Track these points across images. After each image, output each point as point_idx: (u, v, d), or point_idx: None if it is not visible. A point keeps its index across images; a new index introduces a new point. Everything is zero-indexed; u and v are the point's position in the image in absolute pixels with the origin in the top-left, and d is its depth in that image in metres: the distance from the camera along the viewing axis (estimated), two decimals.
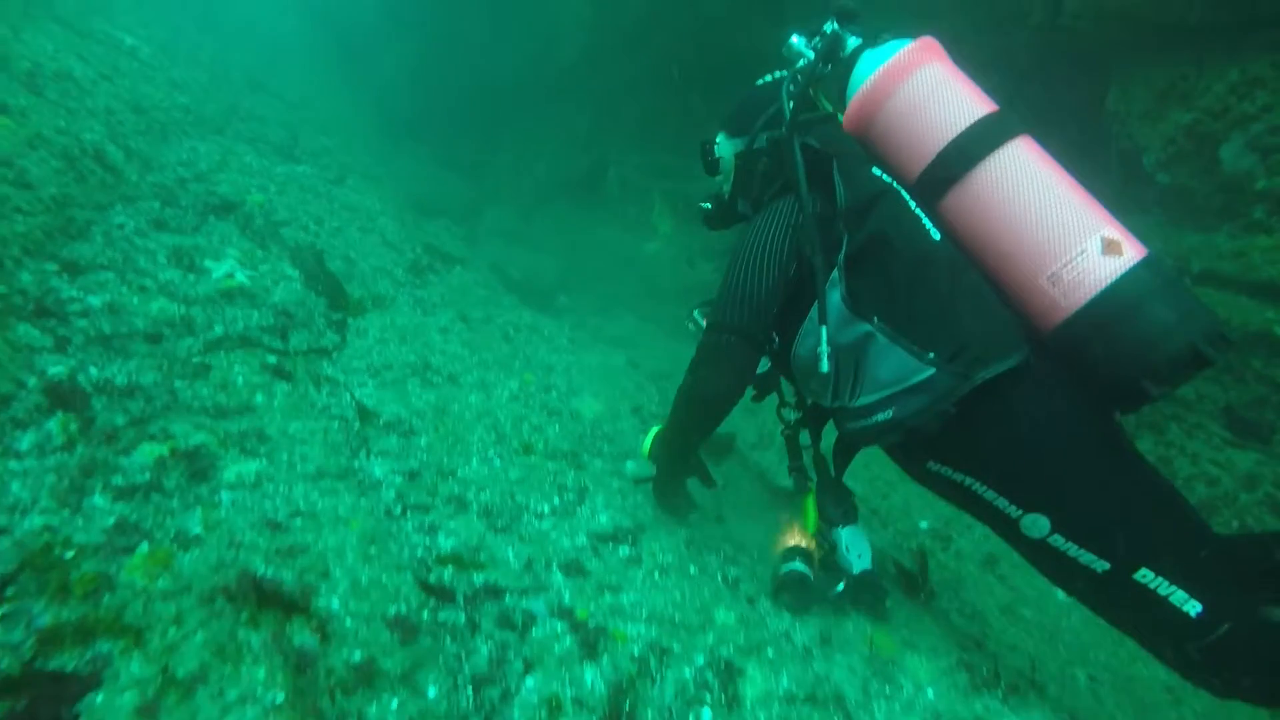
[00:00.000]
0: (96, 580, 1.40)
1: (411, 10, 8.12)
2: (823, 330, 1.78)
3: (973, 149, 1.71)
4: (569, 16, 6.92)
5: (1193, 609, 1.54)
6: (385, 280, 3.66)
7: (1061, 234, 1.60)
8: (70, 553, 1.43)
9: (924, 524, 3.34)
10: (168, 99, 4.07)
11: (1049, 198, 1.64)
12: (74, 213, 2.53)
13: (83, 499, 1.56)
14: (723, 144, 2.28)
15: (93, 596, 1.37)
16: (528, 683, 1.54)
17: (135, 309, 2.24)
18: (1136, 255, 1.57)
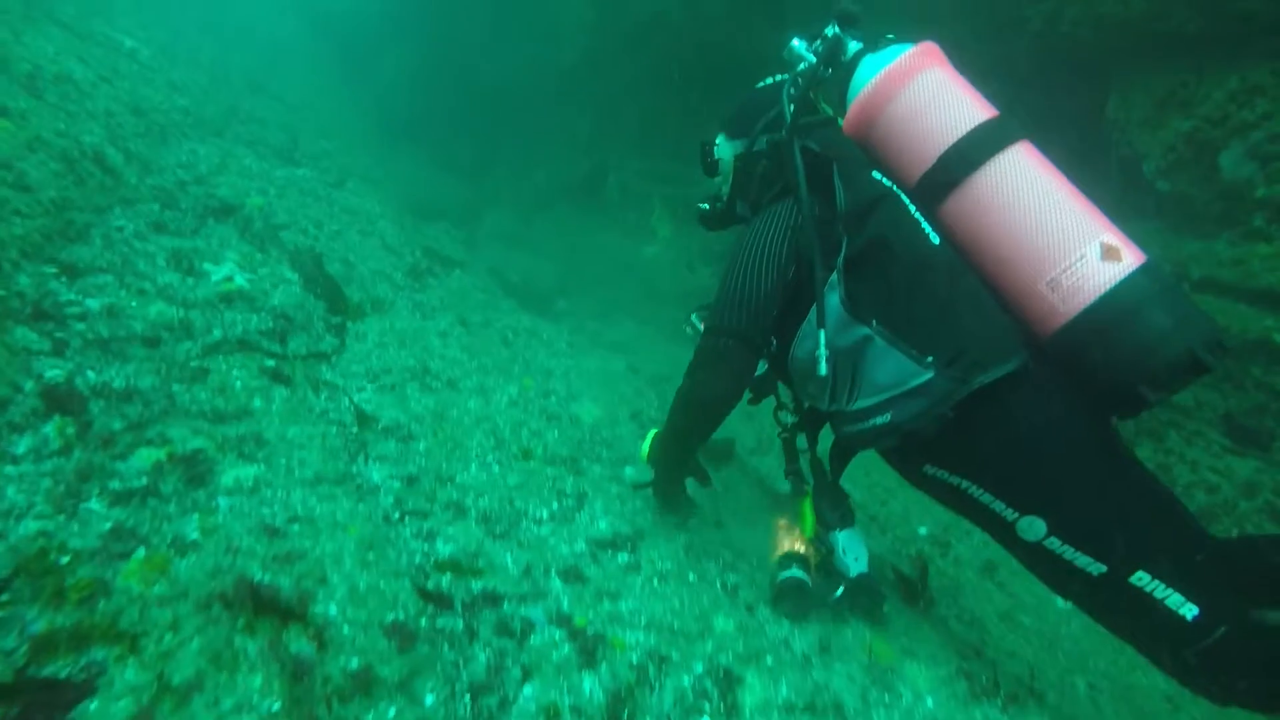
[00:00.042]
0: (92, 586, 1.39)
1: (412, 14, 8.13)
2: (821, 333, 1.78)
3: (973, 154, 1.71)
4: (569, 20, 6.93)
5: (1189, 612, 1.54)
6: (384, 284, 3.66)
7: (1061, 239, 1.60)
8: (65, 558, 1.42)
9: (923, 530, 3.33)
10: (167, 101, 4.07)
11: (1049, 203, 1.64)
12: (73, 215, 2.52)
13: (79, 504, 1.55)
14: (722, 145, 2.28)
15: (88, 602, 1.35)
16: (526, 691, 1.53)
17: (134, 312, 2.23)
18: (1135, 261, 1.57)
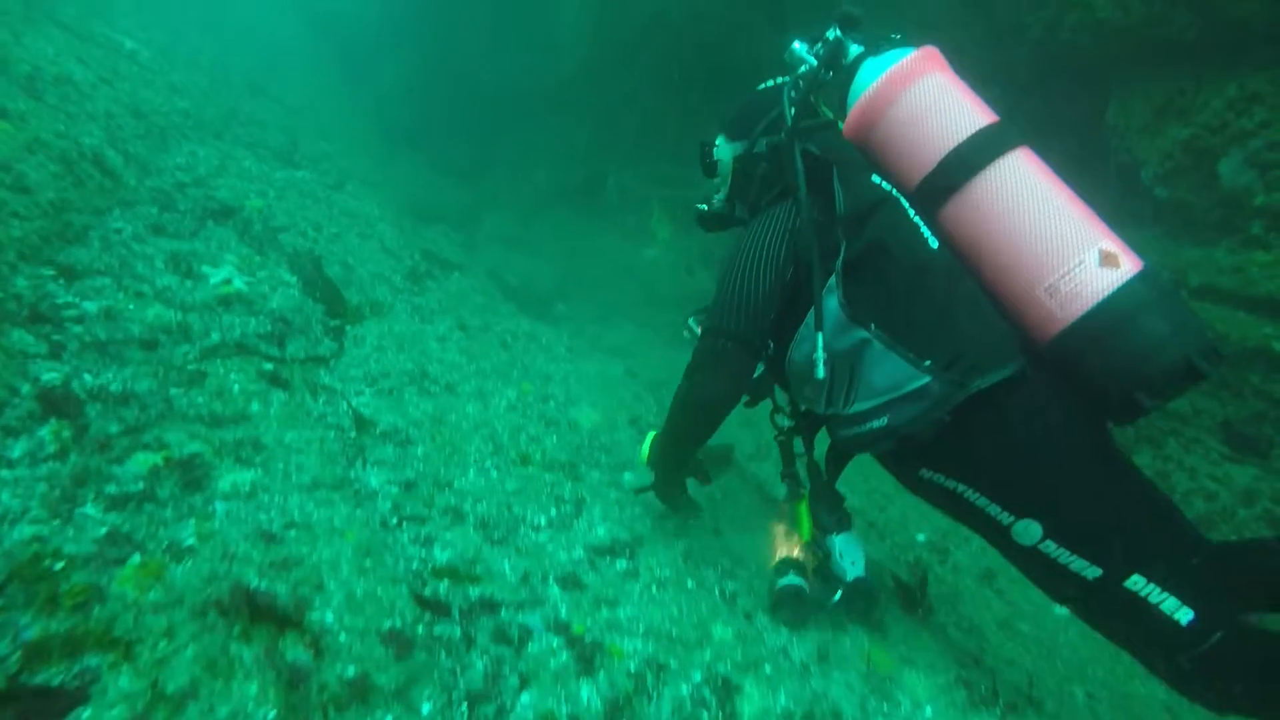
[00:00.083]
0: (86, 592, 1.38)
1: (412, 19, 8.14)
2: (819, 336, 1.78)
3: (973, 159, 1.71)
4: (569, 27, 6.94)
5: (1184, 617, 1.53)
6: (383, 287, 3.65)
7: (1060, 245, 1.60)
8: (60, 564, 1.41)
9: (921, 537, 3.33)
10: (167, 103, 4.07)
11: (1048, 209, 1.64)
12: (71, 217, 2.52)
13: (74, 508, 1.54)
14: (722, 147, 2.28)
15: (82, 609, 1.34)
16: (523, 699, 1.52)
17: (131, 315, 2.23)
18: (1133, 268, 1.57)
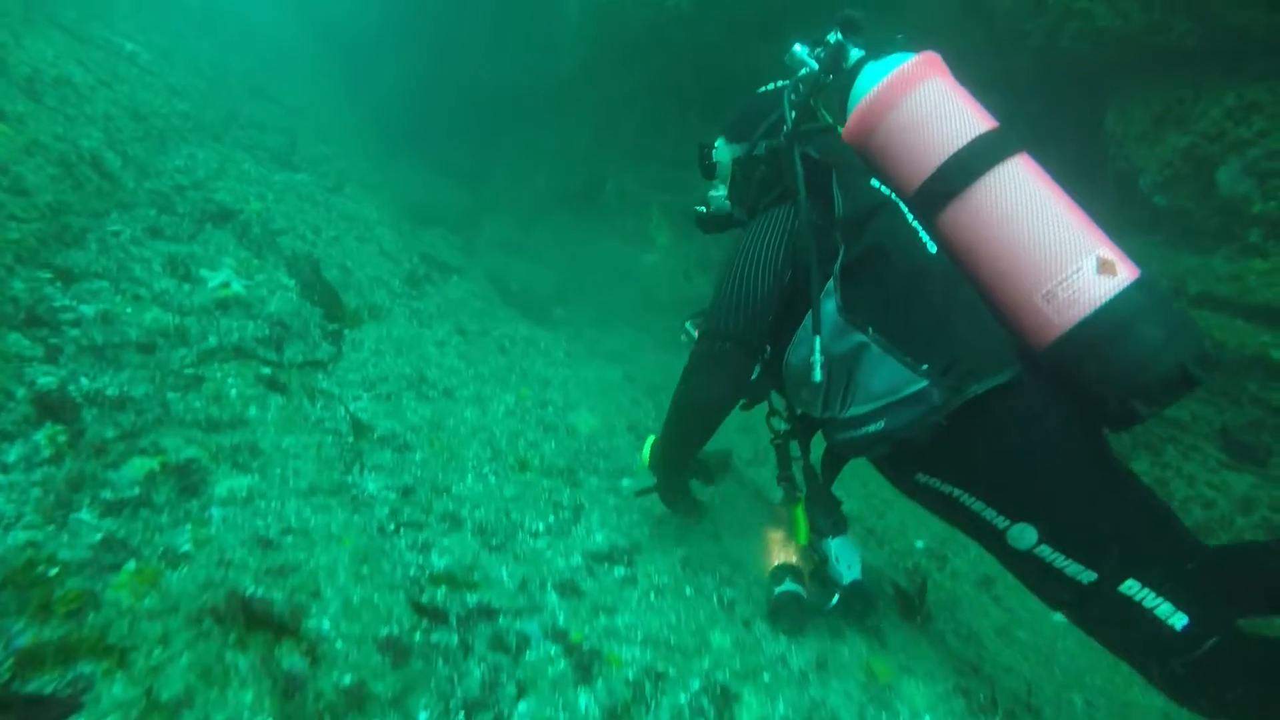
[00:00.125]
0: (80, 598, 1.37)
1: (412, 22, 8.15)
2: (816, 340, 1.78)
3: (973, 164, 1.71)
4: (568, 30, 6.94)
5: (1179, 622, 1.53)
6: (382, 290, 3.64)
7: (1058, 252, 1.60)
8: (54, 570, 1.40)
9: (920, 543, 3.32)
10: (167, 105, 4.06)
11: (1046, 216, 1.64)
12: (69, 220, 2.51)
13: (69, 514, 1.53)
14: (721, 149, 2.28)
15: (76, 615, 1.33)
16: (521, 708, 1.51)
17: (129, 319, 2.22)
18: (1130, 276, 1.58)
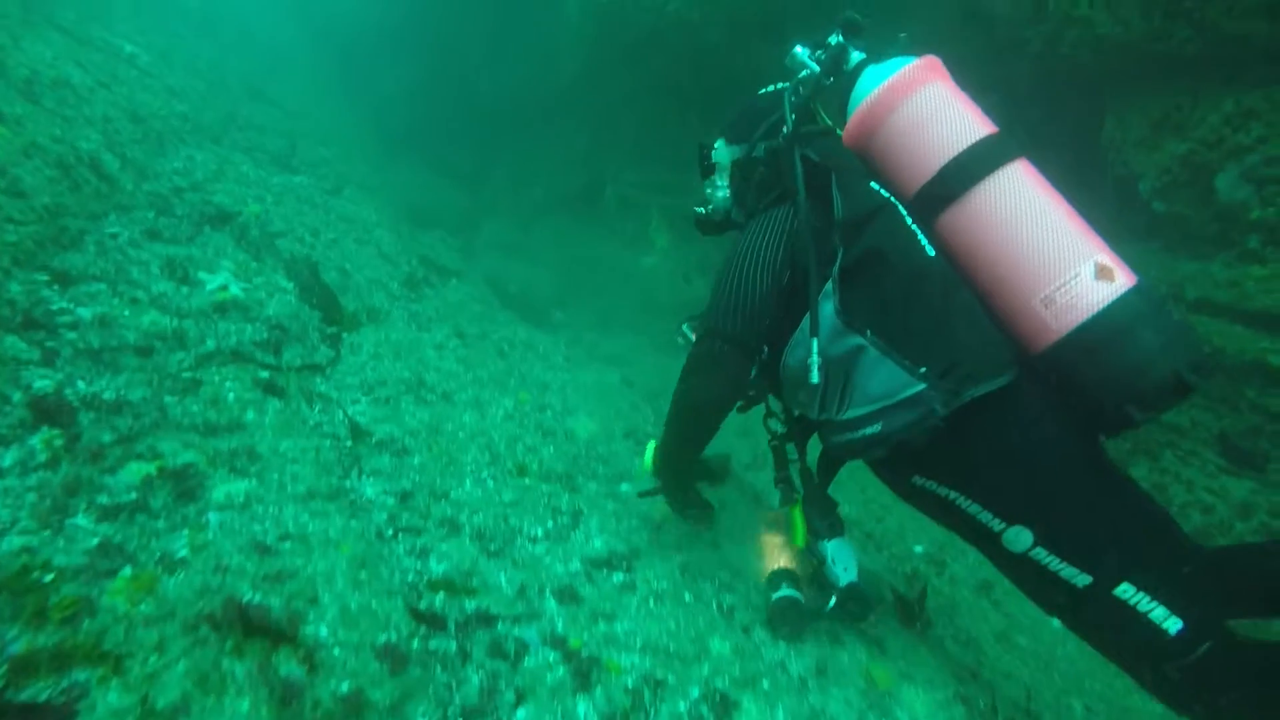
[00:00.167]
0: (76, 604, 1.36)
1: (412, 24, 8.15)
2: (814, 342, 1.78)
3: (973, 169, 1.71)
4: (568, 34, 6.95)
5: (1173, 626, 1.53)
6: (380, 293, 3.63)
7: (1056, 257, 1.61)
8: (49, 576, 1.39)
9: (918, 548, 3.32)
10: (165, 107, 4.05)
11: (1045, 221, 1.64)
12: (67, 222, 2.50)
13: (65, 519, 1.52)
14: (721, 150, 2.28)
15: (71, 622, 1.32)
16: (519, 715, 1.50)
17: (126, 322, 2.20)
18: (1128, 282, 1.58)
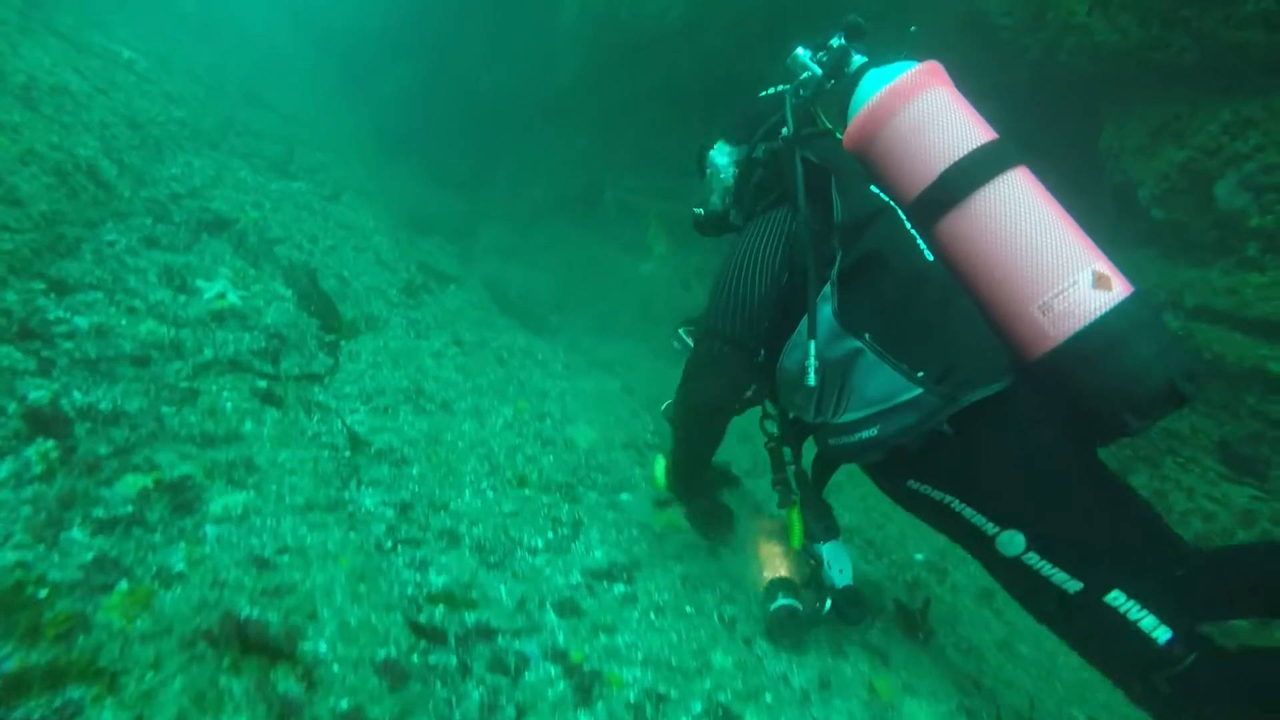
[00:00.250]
0: (71, 620, 1.34)
1: (410, 30, 8.15)
2: (811, 344, 1.77)
3: (973, 174, 1.71)
4: (567, 39, 6.96)
5: (1162, 635, 1.52)
6: (379, 300, 3.62)
7: (1054, 264, 1.61)
8: (44, 591, 1.37)
9: (919, 556, 3.30)
10: (164, 113, 4.04)
11: (1045, 228, 1.65)
12: (64, 230, 2.48)
13: (60, 533, 1.50)
14: (720, 150, 2.28)
15: (65, 638, 1.30)
16: None
17: (123, 331, 2.19)
18: (1125, 291, 1.59)
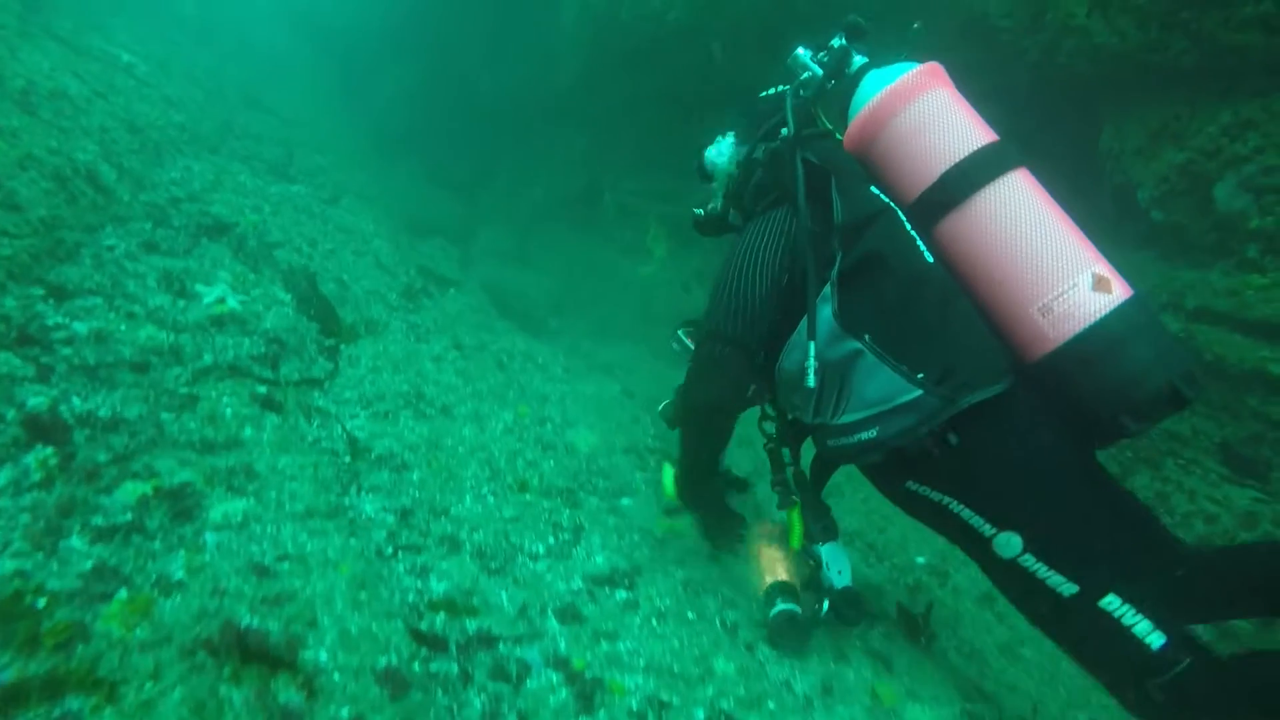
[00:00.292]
0: (70, 630, 1.33)
1: (410, 33, 8.16)
2: (810, 345, 1.77)
3: (973, 176, 1.71)
4: (567, 39, 6.96)
5: (1156, 641, 1.51)
6: (378, 304, 3.61)
7: (1055, 266, 1.61)
8: (42, 600, 1.36)
9: (921, 559, 3.30)
10: (163, 117, 4.03)
11: (1044, 230, 1.65)
12: (63, 234, 2.48)
13: (59, 541, 1.50)
14: (720, 151, 2.28)
15: (64, 648, 1.30)
16: None
17: (122, 336, 2.18)
18: (1124, 294, 1.59)
